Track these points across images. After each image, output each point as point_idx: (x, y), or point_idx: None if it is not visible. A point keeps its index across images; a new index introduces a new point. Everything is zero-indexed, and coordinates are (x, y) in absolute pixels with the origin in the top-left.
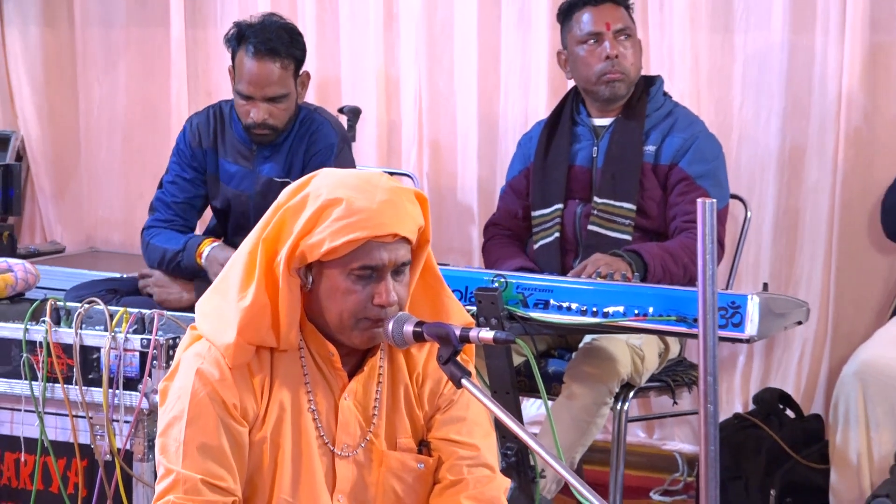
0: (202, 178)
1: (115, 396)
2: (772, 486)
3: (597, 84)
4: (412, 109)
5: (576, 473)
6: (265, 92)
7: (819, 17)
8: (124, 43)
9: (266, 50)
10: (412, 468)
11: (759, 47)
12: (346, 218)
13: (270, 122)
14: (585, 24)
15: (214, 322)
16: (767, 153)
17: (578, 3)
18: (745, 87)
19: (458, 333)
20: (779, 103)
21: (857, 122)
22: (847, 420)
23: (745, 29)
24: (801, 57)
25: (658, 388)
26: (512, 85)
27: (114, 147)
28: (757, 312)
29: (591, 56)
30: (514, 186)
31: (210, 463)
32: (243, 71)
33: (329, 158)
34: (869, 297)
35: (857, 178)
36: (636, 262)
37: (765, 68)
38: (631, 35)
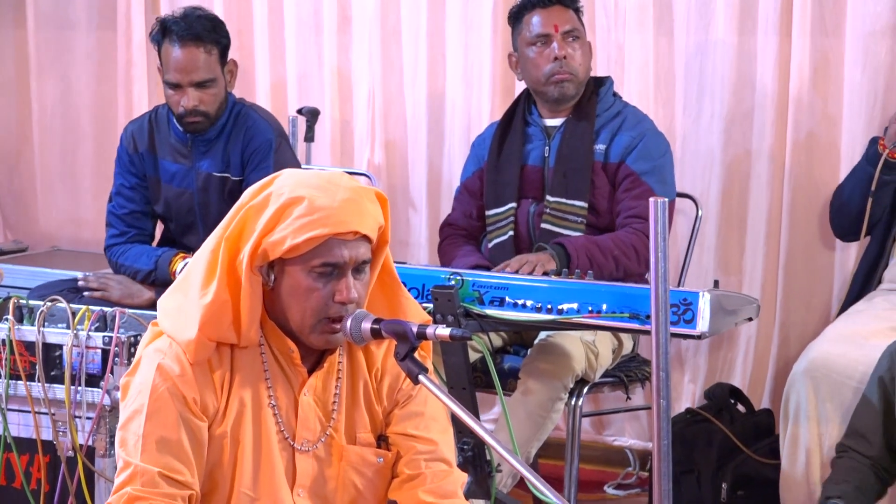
0: (144, 184)
1: (77, 393)
2: (723, 480)
3: (546, 84)
4: (365, 110)
5: (531, 468)
6: (192, 77)
7: (765, 19)
8: (79, 45)
9: (189, 36)
10: (371, 462)
11: (704, 49)
12: (308, 215)
13: (201, 109)
14: (535, 26)
15: (176, 319)
16: (711, 153)
17: (528, 6)
18: (689, 88)
19: (416, 330)
20: (722, 105)
21: (802, 123)
22: (797, 416)
23: (692, 31)
24: (746, 59)
25: (612, 384)
26: (457, 86)
27: (67, 149)
28: (708, 309)
29: (540, 57)
30: (468, 187)
31: (168, 457)
32: (170, 60)
33: (269, 153)
34: (813, 295)
35: (803, 178)
36: (559, 253)
37: (710, 70)
38: (579, 37)
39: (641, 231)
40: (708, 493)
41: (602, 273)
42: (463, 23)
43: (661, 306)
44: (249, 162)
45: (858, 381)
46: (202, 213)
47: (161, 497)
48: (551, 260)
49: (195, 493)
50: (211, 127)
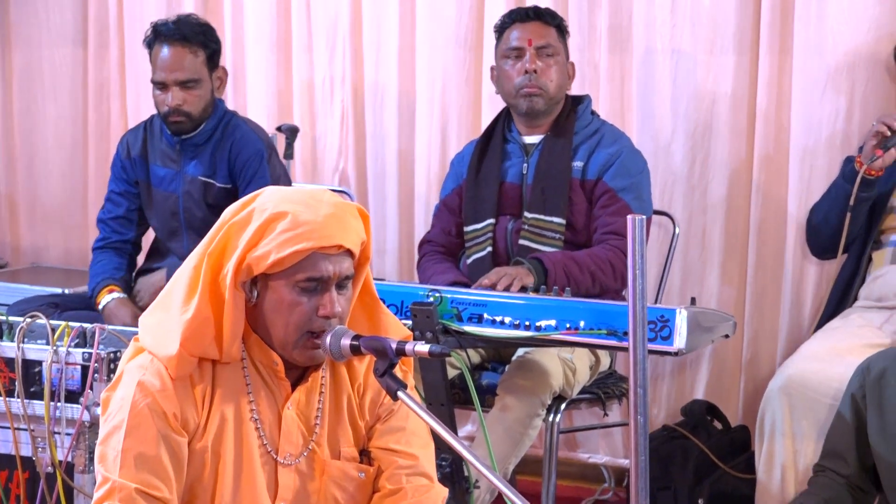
0: (134, 190)
1: (56, 409)
2: (700, 496)
3: (516, 97)
4: (337, 126)
5: (509, 484)
6: (176, 76)
7: (731, 39)
8: (62, 64)
9: (177, 36)
10: (353, 477)
11: (674, 68)
12: (292, 230)
13: (185, 109)
14: (511, 39)
15: (157, 335)
16: (676, 170)
17: (510, 20)
18: (661, 106)
19: (395, 347)
20: (691, 123)
21: (769, 140)
22: (773, 432)
23: (661, 50)
24: (714, 78)
25: (589, 400)
26: (425, 103)
27: (51, 167)
28: (685, 326)
29: (513, 70)
30: (447, 204)
31: (146, 473)
32: (157, 60)
33: (261, 163)
34: (782, 311)
35: (771, 196)
36: (537, 268)
37: (681, 88)
38: (554, 54)
39: (618, 247)
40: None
41: (578, 288)
42: (432, 40)
43: (638, 323)
44: (242, 175)
45: (833, 398)
46: (186, 218)
47: None
48: (529, 274)
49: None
50: (195, 129)
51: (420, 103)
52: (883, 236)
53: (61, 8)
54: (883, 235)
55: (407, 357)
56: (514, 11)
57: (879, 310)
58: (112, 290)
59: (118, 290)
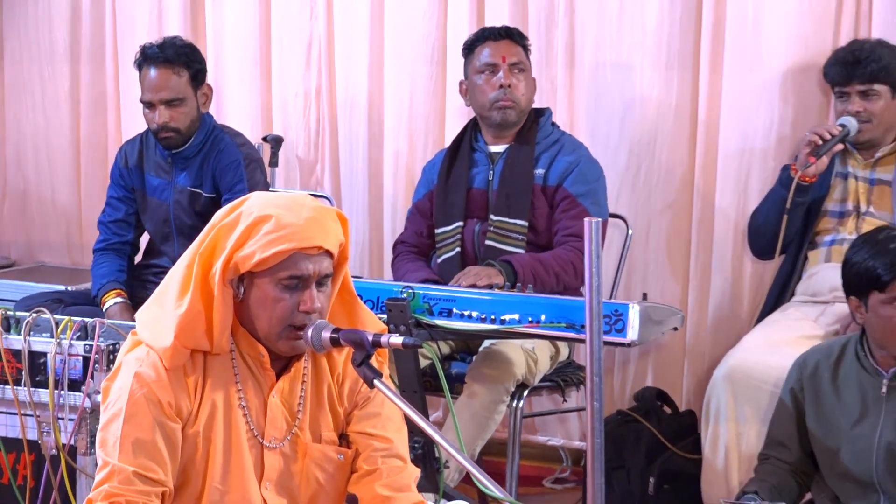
0: (131, 195)
1: (60, 397)
2: (651, 475)
3: (490, 110)
4: (313, 136)
5: (476, 464)
6: (161, 95)
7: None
8: (51, 78)
9: (161, 59)
10: (333, 459)
11: (622, 82)
12: (276, 232)
13: (172, 125)
14: (484, 56)
15: (153, 328)
16: (625, 176)
17: (481, 38)
18: (610, 116)
19: (371, 339)
20: (636, 132)
21: (709, 148)
22: (718, 417)
23: (615, 66)
24: (658, 90)
25: (549, 388)
26: (393, 115)
27: (53, 174)
28: (637, 319)
29: (487, 84)
30: (419, 208)
31: (143, 457)
32: (145, 81)
33: (238, 171)
34: (727, 306)
35: (710, 200)
36: (507, 270)
37: (630, 100)
38: (524, 70)
39: (578, 249)
40: (637, 487)
41: (544, 287)
42: (400, 56)
43: (594, 317)
44: (222, 184)
45: (773, 385)
46: (177, 224)
47: (136, 494)
48: (499, 275)
49: (168, 490)
50: (185, 143)
51: (388, 115)
52: (817, 237)
53: (51, 26)
54: (817, 237)
55: (382, 348)
56: (486, 30)
57: (814, 304)
58: (118, 294)
59: (123, 294)
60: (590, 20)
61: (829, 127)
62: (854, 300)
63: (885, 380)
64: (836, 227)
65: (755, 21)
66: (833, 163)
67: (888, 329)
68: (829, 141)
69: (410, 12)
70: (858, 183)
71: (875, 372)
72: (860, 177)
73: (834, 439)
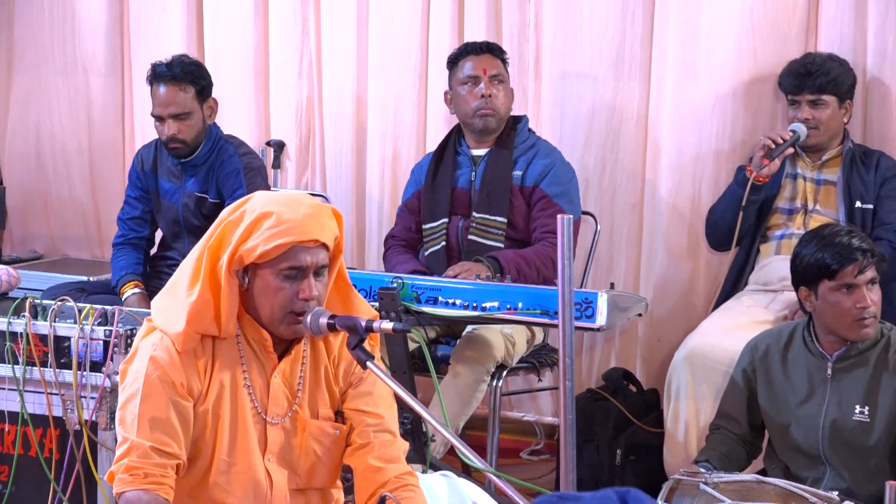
0: (147, 196)
1: (82, 377)
2: (618, 447)
3: (473, 117)
4: (304, 141)
5: (460, 438)
6: (169, 110)
7: (632, 63)
8: (82, 87)
9: (168, 77)
10: (329, 434)
11: (590, 91)
12: (277, 227)
13: (179, 137)
14: (467, 69)
15: (167, 315)
16: (591, 176)
17: (464, 52)
18: (578, 122)
19: (364, 324)
20: (601, 137)
21: (670, 151)
22: (678, 395)
23: (581, 77)
24: (621, 99)
25: (526, 368)
26: (378, 123)
27: (73, 176)
28: (605, 306)
29: (470, 95)
30: (408, 206)
31: (159, 433)
32: (154, 97)
33: (238, 178)
34: (686, 295)
35: (668, 198)
36: (494, 265)
37: (593, 108)
38: (503, 81)
39: (555, 244)
40: (605, 459)
41: (526, 280)
42: (385, 69)
43: (566, 304)
44: (225, 189)
45: (728, 366)
46: (186, 225)
47: (153, 466)
48: (487, 269)
49: (182, 462)
50: (192, 153)
51: (372, 123)
52: (769, 232)
53: (64, 39)
54: (769, 231)
55: (374, 333)
56: (469, 45)
57: (766, 292)
58: (136, 286)
59: (140, 286)
60: (557, 35)
61: (781, 132)
62: (804, 290)
63: (829, 363)
64: (786, 222)
65: (708, 34)
66: (784, 164)
67: (837, 313)
68: (781, 145)
69: (395, 28)
70: (806, 183)
71: (821, 355)
72: (808, 177)
73: (784, 416)
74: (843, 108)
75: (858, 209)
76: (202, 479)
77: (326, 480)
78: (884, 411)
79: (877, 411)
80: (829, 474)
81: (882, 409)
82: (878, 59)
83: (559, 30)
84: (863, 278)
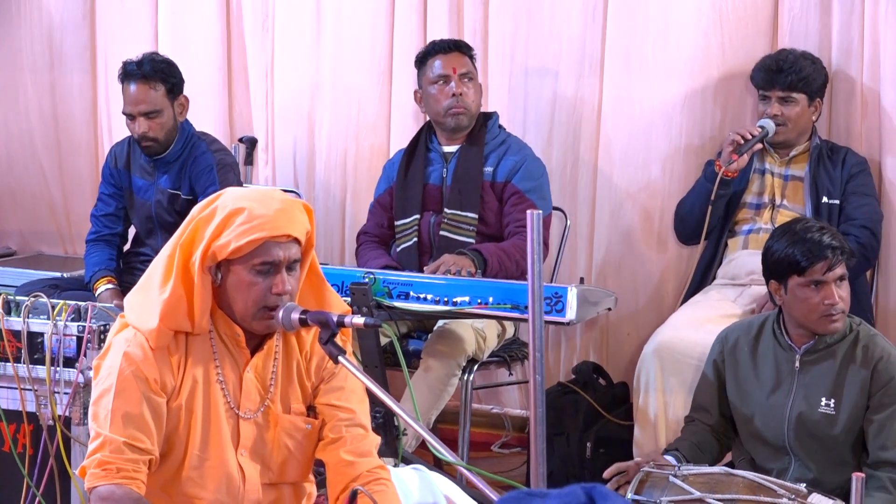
0: (120, 192)
1: (56, 373)
2: (588, 440)
3: (444, 116)
4: (265, 137)
5: (431, 431)
6: (139, 108)
7: (588, 60)
8: (49, 84)
9: (138, 75)
10: (301, 428)
11: (553, 87)
12: (248, 223)
13: (150, 134)
14: (436, 68)
15: (140, 312)
16: (553, 171)
17: (432, 51)
18: (541, 118)
19: (336, 319)
20: (563, 133)
21: (638, 147)
22: (647, 388)
23: (545, 73)
24: (584, 95)
25: (497, 362)
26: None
27: (45, 172)
28: (575, 301)
29: (440, 94)
30: (380, 202)
31: (132, 429)
32: (126, 95)
33: (211, 175)
34: (655, 289)
35: (636, 194)
36: (478, 258)
37: (556, 104)
38: (472, 78)
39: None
40: (575, 451)
41: (507, 273)
42: (351, 67)
43: (536, 299)
44: (198, 185)
45: (697, 359)
46: (159, 221)
47: (126, 462)
48: (471, 263)
49: (154, 458)
50: (164, 150)
51: (328, 119)
52: (737, 226)
53: (33, 38)
54: (737, 226)
55: (346, 328)
56: (437, 44)
57: (733, 286)
58: (109, 281)
59: (113, 281)
60: (521, 31)
61: (749, 128)
62: (774, 283)
63: (797, 355)
64: (754, 217)
65: (676, 30)
66: (752, 160)
67: (805, 308)
68: (750, 140)
69: (359, 21)
70: (774, 178)
71: (789, 348)
72: (776, 173)
73: (749, 407)
74: (812, 105)
75: (825, 204)
76: (175, 473)
77: (299, 475)
78: (849, 404)
79: (842, 404)
80: (794, 465)
81: (847, 402)
82: (842, 55)
83: (521, 25)
84: (832, 275)
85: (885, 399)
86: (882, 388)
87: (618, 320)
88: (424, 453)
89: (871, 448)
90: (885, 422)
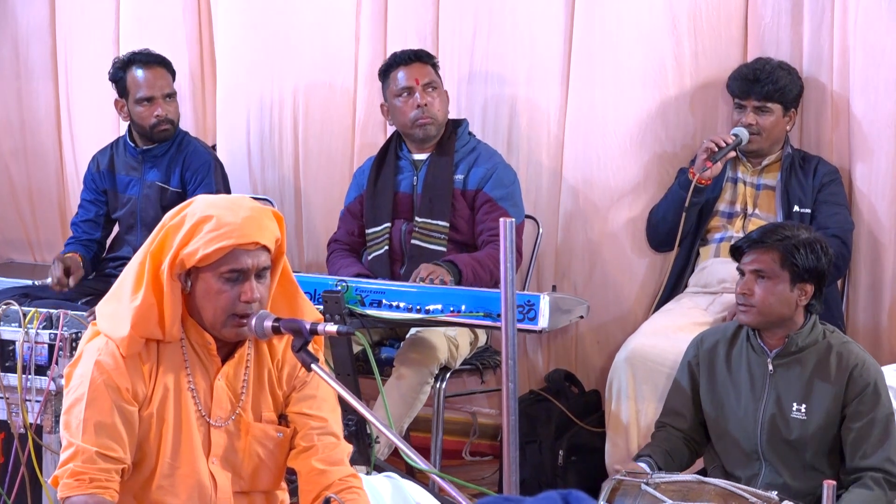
0: (102, 198)
1: (27, 380)
2: (560, 448)
3: (412, 128)
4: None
5: (404, 439)
6: (163, 90)
7: (552, 70)
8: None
9: (153, 59)
10: (273, 437)
11: (518, 95)
12: (217, 230)
13: (170, 117)
14: (400, 80)
15: (112, 320)
16: (524, 180)
17: (393, 64)
18: (505, 126)
19: (309, 327)
20: (533, 140)
21: (606, 153)
22: (619, 395)
23: (510, 82)
24: (537, 106)
25: (469, 370)
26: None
27: (12, 179)
28: (548, 309)
29: (406, 106)
30: (351, 210)
31: (104, 438)
32: (139, 82)
33: (208, 172)
34: (626, 297)
35: (612, 199)
36: (452, 269)
37: (521, 111)
38: (436, 87)
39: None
40: (548, 459)
41: (481, 282)
42: (314, 79)
43: (509, 307)
44: (192, 180)
45: (669, 367)
46: (142, 217)
47: (98, 471)
48: (447, 273)
49: (127, 466)
50: (173, 136)
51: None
52: (709, 234)
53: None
54: (709, 234)
55: (319, 335)
56: (398, 55)
57: (705, 294)
58: (75, 254)
59: (80, 259)
60: (480, 37)
61: (723, 136)
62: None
63: (769, 359)
64: (726, 225)
65: (648, 38)
66: (725, 168)
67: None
68: (724, 148)
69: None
70: (746, 187)
71: (762, 351)
72: (748, 182)
73: (723, 410)
74: (787, 116)
75: (796, 213)
76: (147, 481)
77: (270, 483)
78: (821, 411)
79: (813, 411)
80: (764, 470)
81: (819, 409)
82: (813, 64)
83: (482, 31)
84: (746, 265)
85: (861, 407)
86: (858, 395)
87: (590, 328)
88: (397, 461)
89: (851, 456)
90: (864, 430)
